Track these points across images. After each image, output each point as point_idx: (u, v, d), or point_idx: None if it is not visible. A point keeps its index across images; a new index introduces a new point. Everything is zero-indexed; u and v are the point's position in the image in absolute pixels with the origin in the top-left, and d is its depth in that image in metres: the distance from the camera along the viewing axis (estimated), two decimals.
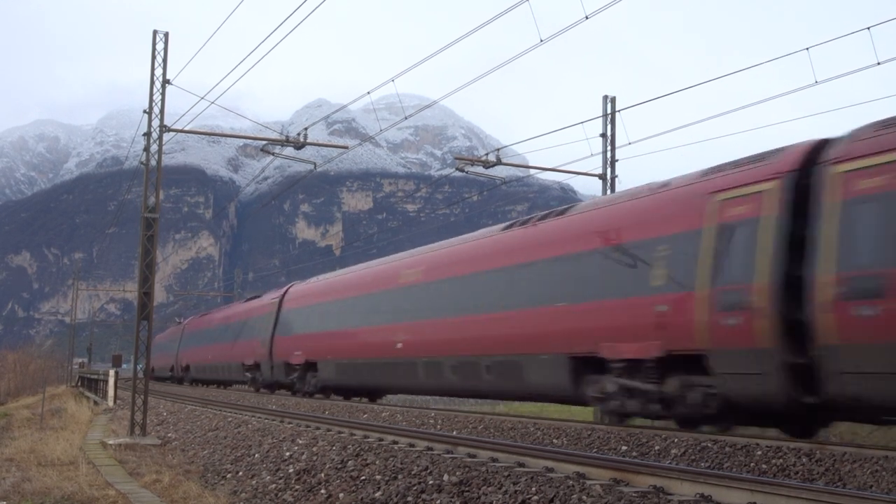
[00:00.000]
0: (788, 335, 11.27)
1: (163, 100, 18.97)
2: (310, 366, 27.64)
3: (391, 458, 10.61)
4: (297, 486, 10.47)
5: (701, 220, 12.85)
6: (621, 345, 13.77)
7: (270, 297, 33.88)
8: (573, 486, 7.86)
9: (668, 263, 13.14)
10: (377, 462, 10.61)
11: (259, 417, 19.42)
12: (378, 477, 9.80)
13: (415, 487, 8.97)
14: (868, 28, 14.99)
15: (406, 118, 20.93)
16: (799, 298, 11.17)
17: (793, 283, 11.32)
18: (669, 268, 13.08)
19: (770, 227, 11.78)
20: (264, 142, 21.53)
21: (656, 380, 13.10)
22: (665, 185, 14.48)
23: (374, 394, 27.67)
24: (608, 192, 23.82)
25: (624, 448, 11.68)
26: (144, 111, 19.18)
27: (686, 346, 12.54)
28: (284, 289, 32.87)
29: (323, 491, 9.94)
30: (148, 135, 19.09)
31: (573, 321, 15.28)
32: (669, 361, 12.81)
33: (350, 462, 11.00)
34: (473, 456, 10.46)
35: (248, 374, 34.87)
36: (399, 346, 21.12)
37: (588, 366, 14.78)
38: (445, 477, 9.09)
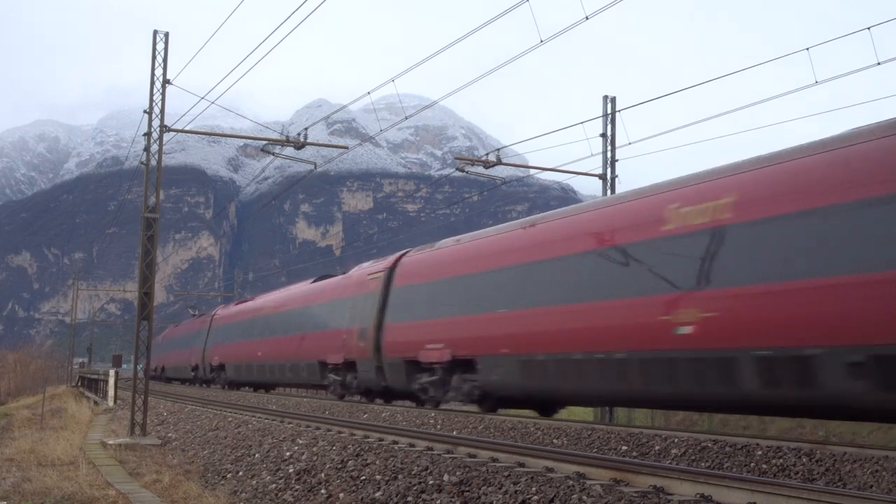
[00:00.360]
0: None
1: (163, 100, 18.99)
2: (459, 364, 18.68)
3: (391, 458, 10.62)
4: (298, 486, 10.47)
5: None
6: None
7: (369, 272, 24.12)
8: (573, 486, 7.86)
9: None
10: (377, 462, 10.62)
11: (259, 417, 19.42)
12: (378, 477, 9.81)
13: (415, 487, 8.98)
14: (868, 28, 15.01)
15: (406, 118, 20.97)
16: None
17: None
18: None
19: None
20: (264, 142, 21.54)
21: None
22: None
23: (562, 404, 19.60)
24: (608, 192, 23.83)
25: (624, 448, 11.69)
26: (145, 111, 19.21)
27: None
28: (393, 258, 22.91)
29: (323, 491, 9.94)
30: (148, 135, 19.11)
31: None
32: None
33: (350, 462, 11.01)
34: (473, 456, 10.46)
35: (333, 377, 25.36)
36: (685, 330, 12.70)
37: None
38: (445, 477, 9.09)
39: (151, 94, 18.95)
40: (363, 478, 9.99)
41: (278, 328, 32.01)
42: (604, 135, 24.30)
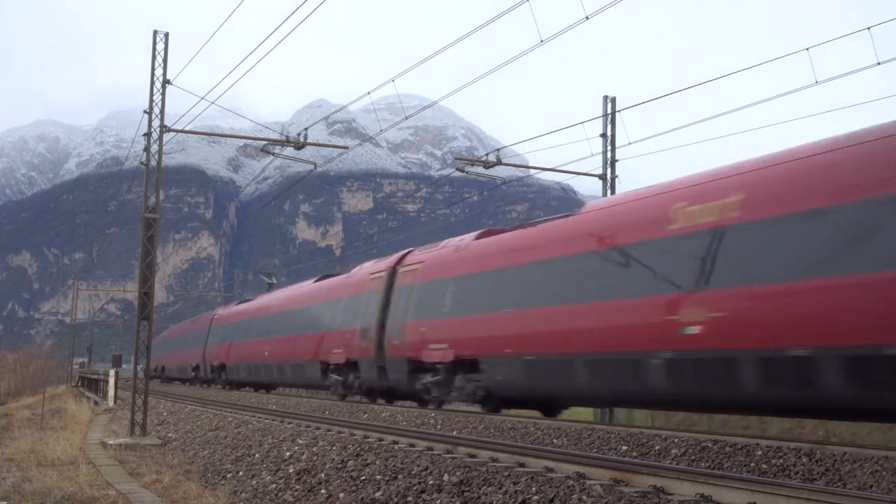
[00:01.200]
0: None
1: (163, 100, 18.99)
2: None
3: (391, 458, 10.62)
4: (298, 486, 10.47)
5: None
6: None
7: None
8: (573, 486, 7.87)
9: None
10: (377, 462, 10.62)
11: (259, 417, 19.43)
12: (378, 477, 9.81)
13: (415, 487, 8.98)
14: (868, 28, 15.00)
15: (406, 118, 20.95)
16: None
17: None
18: None
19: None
20: (264, 142, 21.53)
21: None
22: None
23: None
24: (608, 193, 23.83)
25: (624, 448, 11.69)
26: (145, 111, 19.21)
27: None
28: None
29: (323, 491, 9.94)
30: (148, 135, 19.11)
31: None
32: None
33: (350, 462, 11.01)
34: (473, 456, 10.46)
35: None
36: None
37: None
38: (445, 477, 9.09)
39: (151, 95, 18.95)
40: (363, 478, 9.99)
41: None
42: (604, 135, 24.30)
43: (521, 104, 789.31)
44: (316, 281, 31.07)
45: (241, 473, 12.22)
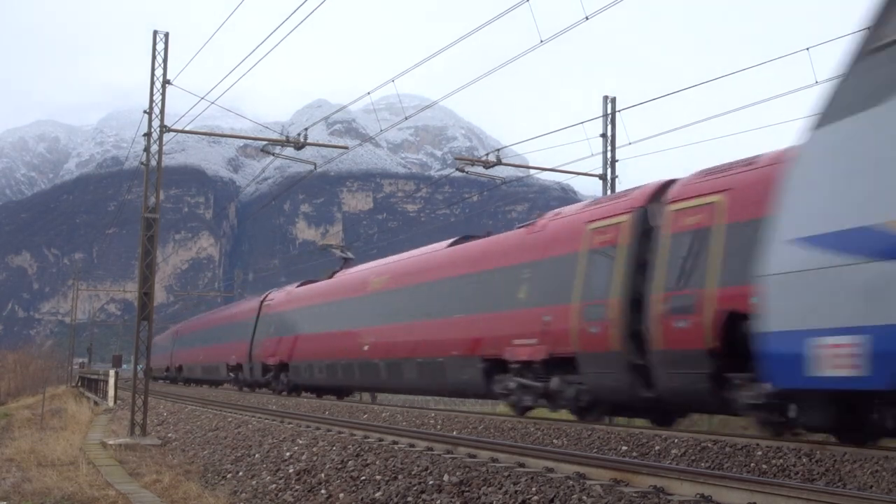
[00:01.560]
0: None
1: (163, 100, 19.00)
2: None
3: (391, 459, 10.62)
4: (298, 487, 10.47)
5: None
6: None
7: None
8: (573, 486, 7.86)
9: None
10: (377, 462, 10.62)
11: (259, 418, 19.43)
12: (378, 477, 9.81)
13: (415, 487, 8.98)
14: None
15: (406, 118, 20.98)
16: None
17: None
18: None
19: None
20: (264, 142, 21.58)
21: None
22: None
23: None
24: (608, 193, 23.84)
25: (624, 448, 11.68)
26: (145, 111, 19.22)
27: None
28: None
29: (323, 491, 9.94)
30: (148, 135, 19.12)
31: None
32: None
33: (350, 462, 11.01)
34: (473, 456, 10.46)
35: None
36: None
37: None
38: (445, 477, 9.09)
39: (151, 95, 18.96)
40: (363, 478, 9.99)
41: None
42: (604, 135, 24.32)
43: (521, 104, 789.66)
44: (450, 245, 22.44)
45: (241, 473, 12.22)
